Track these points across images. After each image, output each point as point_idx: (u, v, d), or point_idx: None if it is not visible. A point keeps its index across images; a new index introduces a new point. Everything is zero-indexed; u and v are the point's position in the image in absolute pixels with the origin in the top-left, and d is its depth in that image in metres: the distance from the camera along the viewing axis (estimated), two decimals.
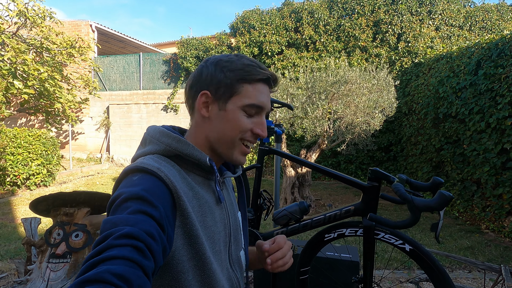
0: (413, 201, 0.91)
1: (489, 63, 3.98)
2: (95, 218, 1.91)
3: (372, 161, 7.31)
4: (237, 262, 0.71)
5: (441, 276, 1.00)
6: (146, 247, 0.44)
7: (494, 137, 3.83)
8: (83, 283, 0.37)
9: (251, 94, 0.63)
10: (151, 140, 0.64)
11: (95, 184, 6.75)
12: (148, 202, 0.50)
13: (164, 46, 14.70)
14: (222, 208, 0.68)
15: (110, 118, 9.56)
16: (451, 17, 7.04)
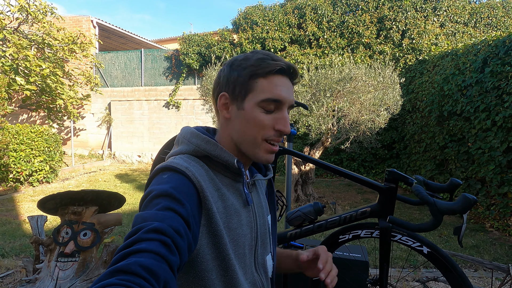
0: (435, 204, 0.89)
1: (496, 61, 3.94)
2: (102, 216, 1.90)
3: (374, 158, 7.30)
4: (262, 266, 0.70)
5: (460, 279, 0.99)
6: (172, 242, 0.46)
7: (500, 135, 3.81)
8: (114, 272, 0.39)
9: (266, 88, 0.61)
10: (183, 141, 0.66)
11: (97, 181, 6.75)
12: (176, 200, 0.52)
13: (165, 42, 14.62)
14: (249, 211, 0.67)
15: (112, 114, 9.54)
16: (456, 13, 6.97)
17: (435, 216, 0.91)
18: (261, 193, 0.75)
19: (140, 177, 7.35)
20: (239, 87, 0.63)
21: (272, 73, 0.61)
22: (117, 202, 2.00)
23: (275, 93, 0.61)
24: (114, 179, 7.04)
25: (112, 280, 0.37)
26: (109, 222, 1.90)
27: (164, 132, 9.25)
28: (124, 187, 6.21)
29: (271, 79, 0.62)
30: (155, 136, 9.33)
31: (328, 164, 1.15)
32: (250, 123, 0.62)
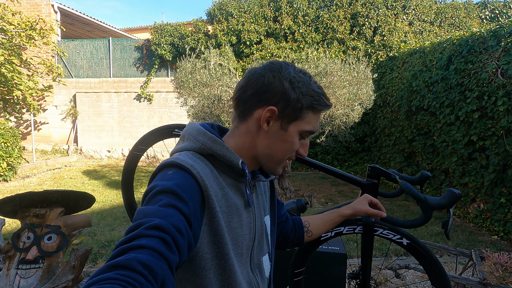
0: (426, 200, 0.91)
1: (459, 59, 4.18)
2: (69, 218, 1.76)
3: (347, 151, 7.53)
4: (257, 267, 0.71)
5: (437, 268, 1.04)
6: (173, 240, 0.46)
7: (462, 129, 4.07)
8: (113, 267, 0.39)
9: (312, 121, 0.66)
10: (189, 137, 0.66)
11: (62, 178, 6.33)
12: (179, 197, 0.52)
13: (135, 31, 13.93)
14: (250, 212, 0.68)
15: (78, 107, 8.96)
16: (423, 12, 7.30)
17: (426, 212, 0.93)
18: (261, 193, 0.76)
19: (110, 173, 7.00)
20: (292, 110, 0.63)
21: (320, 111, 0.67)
22: (86, 202, 1.86)
23: (315, 127, 0.67)
24: (82, 175, 6.64)
25: (111, 274, 0.37)
26: (77, 224, 1.77)
27: (135, 126, 8.86)
28: (93, 184, 5.88)
29: (317, 115, 0.67)
30: (126, 130, 8.92)
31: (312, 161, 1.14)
32: (286, 145, 0.65)
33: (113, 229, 3.65)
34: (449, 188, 0.94)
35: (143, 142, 1.35)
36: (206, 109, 4.09)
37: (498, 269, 2.07)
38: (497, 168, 3.54)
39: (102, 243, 3.25)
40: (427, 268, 1.08)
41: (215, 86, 3.93)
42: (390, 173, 1.05)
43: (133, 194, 1.44)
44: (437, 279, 1.05)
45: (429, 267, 1.07)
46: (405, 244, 1.08)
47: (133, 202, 1.45)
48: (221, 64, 4.22)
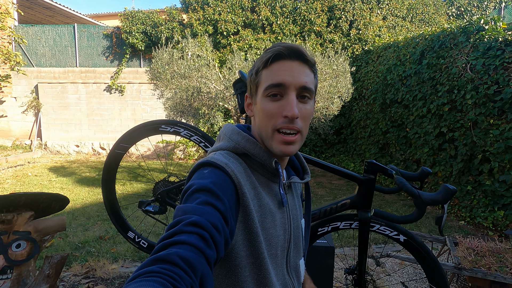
0: (420, 196, 0.91)
1: (431, 54, 4.36)
2: (41, 222, 1.61)
3: (324, 143, 7.69)
4: (294, 270, 0.70)
5: (433, 265, 1.05)
6: (210, 237, 0.47)
7: (434, 121, 4.27)
8: (156, 261, 0.40)
9: (268, 77, 0.61)
10: (224, 137, 0.67)
11: (26, 176, 5.87)
12: (215, 195, 0.53)
13: (103, 17, 13.08)
14: (284, 212, 0.67)
15: (40, 99, 8.30)
16: (396, 8, 7.52)
17: (419, 207, 0.93)
18: (296, 195, 0.75)
19: (80, 169, 6.60)
20: (252, 85, 0.66)
21: (271, 61, 0.61)
22: (59, 205, 1.71)
23: (275, 78, 0.60)
24: (48, 172, 6.20)
25: (154, 267, 0.39)
26: (50, 229, 1.62)
27: (106, 119, 8.40)
28: (61, 181, 5.51)
29: (271, 67, 0.61)
30: (96, 124, 8.42)
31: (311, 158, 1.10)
32: (261, 115, 0.62)
33: (86, 229, 3.44)
34: (444, 184, 0.94)
35: (125, 140, 1.24)
36: (184, 101, 3.94)
37: (471, 253, 2.21)
38: (465, 158, 3.77)
39: (75, 244, 3.05)
40: (424, 265, 1.10)
41: (194, 77, 3.79)
42: (387, 169, 1.05)
43: (115, 194, 1.34)
44: (434, 276, 1.07)
45: (426, 264, 1.09)
46: (402, 241, 1.09)
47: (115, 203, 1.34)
48: (199, 55, 4.07)
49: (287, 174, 0.73)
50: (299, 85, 0.60)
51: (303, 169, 0.76)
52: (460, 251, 2.26)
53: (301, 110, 0.61)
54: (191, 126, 1.21)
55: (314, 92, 0.65)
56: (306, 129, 0.64)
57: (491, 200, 3.46)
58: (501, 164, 3.31)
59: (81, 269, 2.58)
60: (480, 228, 3.53)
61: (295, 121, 0.60)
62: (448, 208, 4.05)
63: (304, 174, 0.75)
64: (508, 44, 3.35)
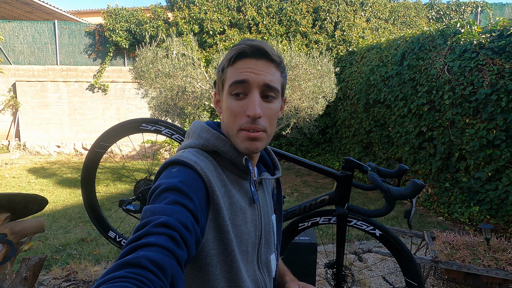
0: (389, 190, 0.95)
1: (412, 55, 4.50)
2: (17, 224, 1.57)
3: (310, 143, 7.78)
4: (265, 265, 0.70)
5: (408, 258, 1.10)
6: (180, 237, 0.46)
7: (414, 121, 4.41)
8: (123, 265, 0.39)
9: (231, 74, 0.61)
10: (193, 135, 0.66)
11: (4, 178, 5.65)
12: (184, 194, 0.52)
13: (85, 14, 12.72)
14: (255, 209, 0.67)
15: (19, 97, 8.00)
16: (379, 10, 7.71)
17: (389, 201, 0.97)
18: (267, 191, 0.75)
19: (61, 170, 6.41)
20: (219, 82, 0.65)
21: (236, 59, 0.61)
22: (37, 206, 1.67)
23: (238, 76, 0.60)
24: (27, 174, 5.99)
25: (121, 272, 0.38)
26: (27, 230, 1.58)
27: (89, 119, 8.19)
28: (41, 183, 5.34)
29: (235, 65, 0.61)
30: (78, 123, 8.20)
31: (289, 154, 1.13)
32: (227, 113, 0.62)
33: (67, 232, 3.35)
34: (413, 179, 0.99)
35: (105, 138, 1.23)
36: (169, 101, 3.91)
37: (447, 247, 2.30)
38: (443, 156, 3.92)
39: (56, 247, 2.97)
40: (398, 259, 1.14)
41: (179, 76, 3.76)
42: (363, 165, 1.09)
43: (95, 194, 1.32)
44: (409, 270, 1.11)
45: (401, 258, 1.13)
46: (378, 235, 1.13)
47: (95, 203, 1.32)
48: (184, 53, 4.04)
49: (258, 171, 0.73)
50: (262, 83, 0.59)
51: (274, 165, 0.76)
52: (437, 245, 2.36)
53: (265, 109, 0.60)
54: (172, 125, 1.21)
55: (281, 91, 0.64)
56: (272, 128, 0.63)
57: (467, 196, 3.61)
58: (476, 161, 3.46)
59: (62, 272, 2.51)
60: (457, 223, 3.68)
61: (258, 121, 0.59)
62: (428, 205, 4.20)
63: (275, 170, 0.75)
64: (482, 47, 3.50)
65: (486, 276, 2.07)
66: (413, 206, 1.02)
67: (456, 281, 2.20)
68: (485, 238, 2.27)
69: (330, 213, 1.17)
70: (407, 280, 1.13)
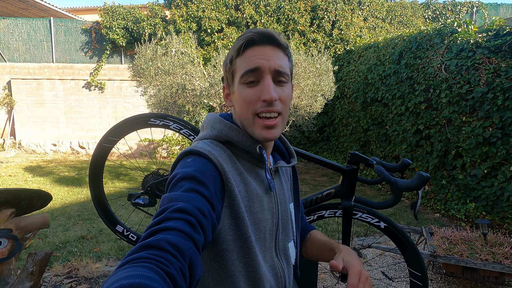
0: (396, 182, 0.97)
1: (409, 54, 4.55)
2: (22, 220, 1.57)
3: (308, 141, 7.82)
4: (283, 252, 0.71)
5: (413, 251, 1.13)
6: (197, 222, 0.48)
7: (411, 119, 4.46)
8: (144, 247, 0.41)
9: (242, 64, 0.62)
10: (207, 126, 0.68)
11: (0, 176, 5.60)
12: (200, 182, 0.54)
13: (81, 12, 12.61)
14: (271, 197, 0.68)
15: (14, 95, 7.91)
16: (376, 9, 7.76)
17: (396, 193, 0.99)
18: (284, 180, 0.76)
19: (58, 168, 6.36)
20: (228, 75, 0.66)
21: (244, 48, 0.62)
22: (41, 201, 1.67)
23: (249, 64, 0.61)
24: (23, 172, 5.94)
25: (143, 253, 0.40)
26: (32, 226, 1.58)
27: (85, 117, 8.13)
28: (38, 181, 5.30)
29: (244, 54, 0.62)
30: (74, 122, 8.14)
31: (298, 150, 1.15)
32: (240, 102, 0.63)
33: (67, 230, 3.34)
34: (418, 172, 1.01)
35: (113, 133, 1.24)
36: (168, 99, 3.90)
37: (445, 242, 2.35)
38: (440, 154, 3.98)
39: (56, 245, 2.96)
40: (403, 250, 1.17)
41: (178, 74, 3.76)
42: (368, 159, 1.11)
43: (103, 189, 1.32)
44: (413, 261, 1.14)
45: (406, 249, 1.16)
46: (382, 228, 1.16)
47: (103, 198, 1.33)
48: (184, 52, 4.03)
49: (273, 159, 0.74)
50: (273, 68, 0.60)
51: (289, 153, 0.77)
52: (435, 240, 2.40)
53: (279, 93, 0.61)
54: (181, 120, 1.22)
55: (290, 76, 0.66)
56: (287, 112, 0.64)
57: (463, 193, 3.67)
58: (473, 159, 3.52)
59: (63, 269, 2.51)
60: (453, 220, 3.74)
61: (274, 103, 0.60)
62: (425, 202, 4.26)
63: (291, 158, 0.76)
64: (478, 46, 3.56)
65: (483, 270, 2.12)
66: (419, 198, 1.05)
67: (454, 275, 2.25)
68: (482, 233, 2.32)
69: (336, 206, 1.19)
70: (411, 270, 1.16)
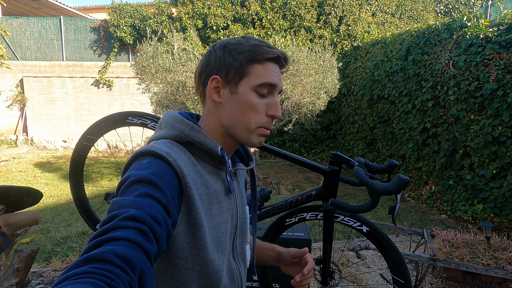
0: (373, 185, 0.92)
1: (417, 50, 4.40)
2: (11, 217, 1.59)
3: (314, 139, 7.73)
4: (241, 255, 0.71)
5: (395, 257, 1.08)
6: (150, 231, 0.44)
7: (418, 117, 4.33)
8: (88, 260, 0.37)
9: (262, 73, 0.62)
10: (166, 125, 0.64)
11: (10, 172, 5.76)
12: (155, 186, 0.50)
13: (90, 10, 12.82)
14: (231, 199, 0.67)
15: (26, 93, 8.12)
16: (385, 4, 7.56)
17: (373, 197, 0.94)
18: (241, 182, 0.76)
19: (66, 165, 6.50)
20: (233, 71, 0.62)
21: (267, 60, 0.62)
22: (32, 198, 1.69)
23: (270, 78, 0.62)
24: (33, 168, 6.10)
25: (85, 268, 0.36)
26: (21, 223, 1.60)
27: (94, 114, 8.28)
28: (47, 177, 5.43)
29: (266, 65, 0.62)
30: (84, 119, 8.30)
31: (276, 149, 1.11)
32: (244, 107, 0.62)
33: (69, 225, 3.41)
34: (398, 175, 0.96)
35: (92, 131, 1.23)
36: (170, 96, 3.91)
37: (446, 245, 2.26)
38: (447, 153, 3.84)
39: (57, 240, 3.02)
40: (386, 256, 1.12)
41: (179, 72, 3.75)
42: (350, 160, 1.06)
43: (83, 188, 1.32)
44: (396, 267, 1.09)
45: (388, 255, 1.11)
46: (364, 232, 1.11)
47: (83, 197, 1.32)
48: (185, 48, 4.03)
49: (232, 162, 0.74)
50: (280, 89, 0.65)
51: (248, 156, 0.76)
52: (436, 243, 2.31)
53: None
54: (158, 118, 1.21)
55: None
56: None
57: (471, 194, 3.53)
58: (481, 159, 3.38)
59: (61, 264, 2.56)
60: (460, 221, 3.62)
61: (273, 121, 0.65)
62: (431, 202, 4.13)
63: (249, 161, 0.75)
64: (488, 41, 3.40)
65: (485, 275, 2.03)
66: (397, 202, 0.99)
67: (454, 279, 2.16)
68: (486, 236, 2.22)
69: (317, 209, 1.15)
70: (394, 277, 1.11)
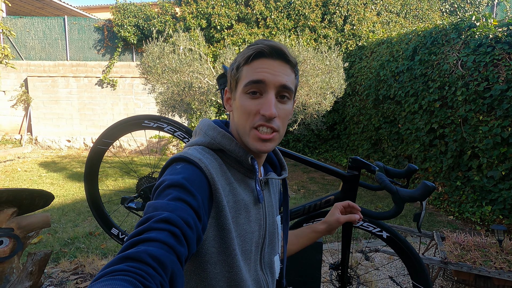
0: (398, 192, 0.91)
1: (424, 50, 4.37)
2: (24, 219, 1.59)
3: (318, 139, 7.70)
4: (268, 266, 0.70)
5: (416, 261, 1.06)
6: (181, 233, 0.46)
7: (425, 117, 4.30)
8: (124, 259, 0.39)
9: (248, 73, 0.61)
10: (200, 132, 0.67)
11: (16, 171, 5.78)
12: (187, 191, 0.52)
13: (94, 10, 12.83)
14: (259, 209, 0.67)
15: (30, 92, 8.14)
16: (390, 3, 7.51)
17: (397, 203, 0.93)
18: (273, 192, 0.75)
19: (71, 164, 6.52)
20: (232, 80, 0.64)
21: (253, 59, 0.60)
22: (43, 201, 1.68)
23: (255, 75, 0.60)
24: (38, 168, 6.11)
25: (122, 266, 0.38)
26: (34, 225, 1.60)
27: (98, 114, 8.29)
28: (52, 177, 5.44)
29: (252, 64, 0.61)
30: (88, 118, 8.31)
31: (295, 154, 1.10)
32: (240, 111, 0.62)
33: (76, 225, 3.41)
34: (423, 181, 0.94)
35: (108, 135, 1.22)
36: (176, 96, 3.90)
37: (457, 248, 2.24)
38: (454, 154, 3.82)
39: (65, 241, 3.02)
40: (406, 262, 1.10)
41: (185, 72, 3.74)
42: (371, 165, 1.05)
43: (98, 191, 1.31)
44: (417, 274, 1.07)
45: (409, 261, 1.09)
46: (385, 237, 1.09)
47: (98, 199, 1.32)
48: (191, 49, 4.01)
49: (264, 170, 0.73)
50: (279, 84, 0.60)
51: (281, 166, 0.76)
52: (447, 245, 2.29)
53: (279, 110, 0.61)
54: (175, 122, 1.20)
55: (294, 92, 0.65)
56: (284, 128, 0.64)
57: (479, 196, 3.51)
58: (490, 160, 3.36)
59: (70, 265, 2.56)
60: (468, 223, 3.59)
61: (273, 120, 0.60)
62: (438, 203, 4.11)
63: (282, 171, 0.74)
64: (498, 41, 3.37)
65: (497, 279, 2.01)
66: (423, 209, 0.97)
67: (466, 283, 2.14)
68: (498, 239, 2.20)
69: None
70: (414, 284, 1.09)
